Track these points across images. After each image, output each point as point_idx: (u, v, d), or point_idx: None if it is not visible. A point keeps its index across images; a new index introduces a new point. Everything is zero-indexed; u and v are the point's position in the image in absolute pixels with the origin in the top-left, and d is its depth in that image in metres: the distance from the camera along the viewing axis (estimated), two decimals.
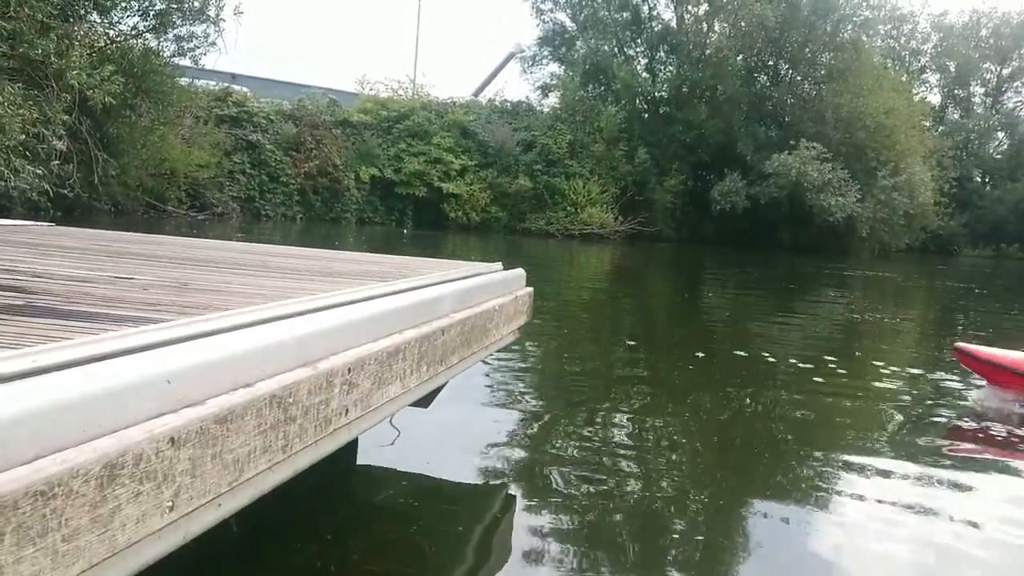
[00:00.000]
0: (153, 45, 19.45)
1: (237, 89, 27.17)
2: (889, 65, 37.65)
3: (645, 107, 32.82)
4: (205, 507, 1.12)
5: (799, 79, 33.47)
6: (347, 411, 1.53)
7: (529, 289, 3.04)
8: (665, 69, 33.71)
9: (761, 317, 7.09)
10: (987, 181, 45.21)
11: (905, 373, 6.10)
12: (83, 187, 18.21)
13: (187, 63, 20.52)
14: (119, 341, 1.15)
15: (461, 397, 3.66)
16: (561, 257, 19.54)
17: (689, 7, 32.84)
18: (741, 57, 32.70)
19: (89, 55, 16.54)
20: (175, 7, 18.79)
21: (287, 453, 1.32)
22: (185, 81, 21.71)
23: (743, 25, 31.80)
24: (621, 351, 5.06)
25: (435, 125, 29.04)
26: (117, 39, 18.73)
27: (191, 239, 4.52)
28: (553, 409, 3.94)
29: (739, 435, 3.54)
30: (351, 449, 2.59)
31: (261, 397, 1.23)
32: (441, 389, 2.39)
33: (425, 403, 2.40)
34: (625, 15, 32.92)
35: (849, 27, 32.56)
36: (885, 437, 3.97)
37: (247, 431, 1.19)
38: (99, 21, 18.62)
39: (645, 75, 33.02)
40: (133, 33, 19.07)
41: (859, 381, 5.58)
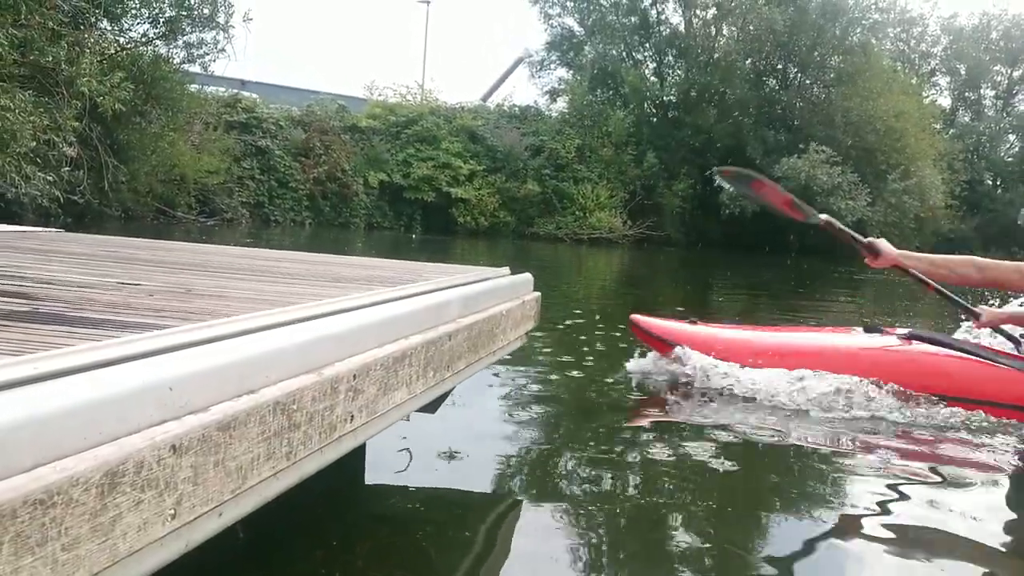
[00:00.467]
0: (163, 52, 19.56)
1: (246, 95, 27.26)
2: (899, 68, 37.47)
3: (654, 111, 32.74)
4: (208, 515, 1.11)
5: (808, 82, 33.31)
6: (352, 417, 1.52)
7: (536, 294, 3.03)
8: (673, 73, 33.61)
9: (772, 321, 7.05)
10: (998, 184, 44.89)
11: None
12: (93, 193, 18.32)
13: (197, 70, 20.67)
14: (121, 347, 1.15)
15: (468, 403, 3.65)
16: (570, 262, 19.50)
17: (697, 11, 32.78)
18: (750, 61, 32.60)
19: (99, 62, 16.64)
20: (185, 14, 18.89)
21: (291, 460, 1.31)
22: (195, 87, 21.82)
23: (752, 29, 31.71)
24: (630, 356, 5.04)
25: (443, 130, 29.04)
26: (127, 46, 18.84)
27: (199, 244, 4.53)
28: (561, 415, 3.92)
29: (750, 443, 3.52)
30: (359, 455, 2.58)
31: (265, 403, 1.22)
32: (448, 395, 2.38)
33: (432, 409, 2.39)
34: (633, 19, 32.84)
35: (858, 30, 32.36)
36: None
37: (250, 438, 1.18)
38: (110, 28, 18.74)
39: (653, 79, 32.94)
40: (143, 40, 19.18)
41: None
